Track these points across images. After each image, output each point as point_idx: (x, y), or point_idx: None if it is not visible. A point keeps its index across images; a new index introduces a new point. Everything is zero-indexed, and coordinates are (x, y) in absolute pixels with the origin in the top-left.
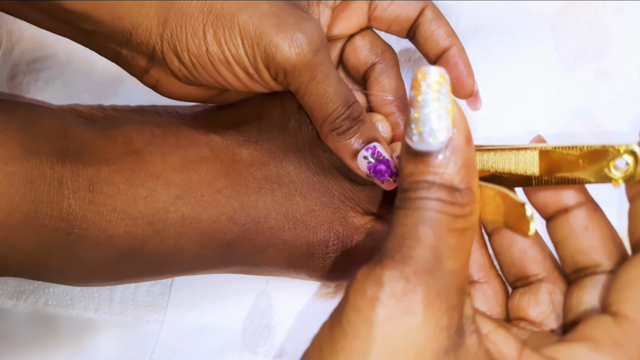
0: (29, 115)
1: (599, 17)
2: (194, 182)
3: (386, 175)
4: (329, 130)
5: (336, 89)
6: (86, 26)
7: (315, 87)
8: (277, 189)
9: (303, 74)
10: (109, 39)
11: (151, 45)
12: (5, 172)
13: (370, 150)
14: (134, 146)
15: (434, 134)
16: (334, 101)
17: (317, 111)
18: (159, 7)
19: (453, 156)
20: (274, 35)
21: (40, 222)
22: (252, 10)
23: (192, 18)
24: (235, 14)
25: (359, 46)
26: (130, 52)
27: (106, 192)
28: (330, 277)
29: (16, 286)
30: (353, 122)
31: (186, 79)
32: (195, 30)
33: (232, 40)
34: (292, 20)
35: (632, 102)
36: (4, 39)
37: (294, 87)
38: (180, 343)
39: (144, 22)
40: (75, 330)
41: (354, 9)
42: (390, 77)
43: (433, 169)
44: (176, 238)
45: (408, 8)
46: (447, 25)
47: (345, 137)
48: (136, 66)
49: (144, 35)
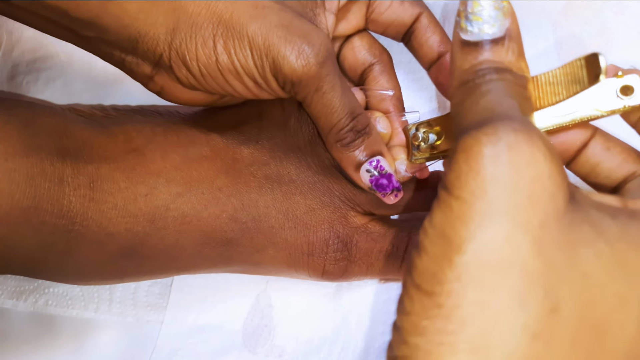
0: (29, 113)
1: (600, 18)
2: (195, 180)
3: (388, 190)
4: (334, 140)
5: (342, 100)
6: (90, 33)
7: (321, 97)
8: (278, 187)
9: (309, 85)
10: (114, 45)
11: (158, 53)
12: (6, 168)
13: (374, 163)
14: (134, 144)
15: (493, 22)
16: (339, 112)
17: (322, 121)
18: (166, 15)
19: (511, 43)
20: (281, 46)
21: (40, 219)
22: (260, 22)
23: (202, 28)
24: (244, 25)
25: (357, 46)
26: (135, 58)
27: (107, 190)
28: (330, 277)
29: (16, 286)
30: (358, 134)
31: (192, 86)
32: (206, 40)
33: (241, 51)
34: (299, 32)
35: None
36: (4, 39)
37: (301, 96)
38: (180, 343)
39: (151, 30)
40: (75, 330)
41: (352, 12)
42: (388, 78)
43: (495, 56)
44: (176, 236)
45: (404, 13)
46: (441, 32)
47: (349, 149)
48: (141, 73)
49: (150, 43)
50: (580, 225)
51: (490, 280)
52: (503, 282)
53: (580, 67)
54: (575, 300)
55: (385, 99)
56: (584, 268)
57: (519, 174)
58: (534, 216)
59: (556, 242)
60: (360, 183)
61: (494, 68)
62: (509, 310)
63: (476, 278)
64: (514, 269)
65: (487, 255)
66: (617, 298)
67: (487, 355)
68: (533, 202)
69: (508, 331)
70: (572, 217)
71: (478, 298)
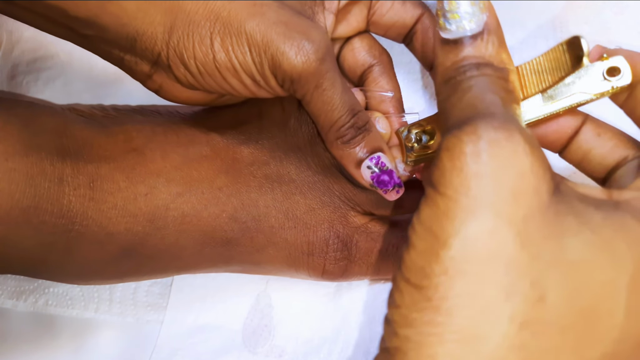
0: (29, 113)
1: (600, 18)
2: (195, 179)
3: (389, 186)
4: (334, 138)
5: (342, 97)
6: (89, 32)
7: (321, 95)
8: (278, 187)
9: (309, 81)
10: (113, 44)
11: (156, 52)
12: (6, 168)
13: (374, 160)
14: (134, 144)
15: (470, 18)
16: (339, 109)
17: (322, 119)
18: (164, 14)
19: (491, 37)
20: (281, 43)
21: (40, 218)
22: (259, 19)
23: (199, 26)
24: (242, 22)
25: (357, 48)
26: (134, 57)
27: (106, 189)
28: (330, 277)
29: (16, 286)
30: (358, 130)
31: (190, 85)
32: (203, 38)
33: (239, 48)
34: (299, 29)
35: None
36: (4, 39)
37: (300, 94)
38: (180, 343)
39: (149, 29)
40: (75, 330)
41: (353, 13)
42: (388, 79)
43: (475, 51)
44: (176, 235)
45: (406, 15)
46: None
47: (349, 146)
48: (139, 71)
49: (148, 42)
50: (565, 216)
51: (477, 273)
52: (489, 274)
53: (563, 52)
54: (563, 289)
55: (385, 100)
56: (570, 257)
57: (500, 170)
58: (518, 210)
59: (541, 234)
60: (361, 180)
61: (474, 64)
62: (495, 301)
63: (463, 271)
64: (499, 261)
65: (473, 250)
66: (605, 285)
67: (475, 344)
68: (516, 196)
69: (495, 322)
70: (557, 209)
71: (465, 291)
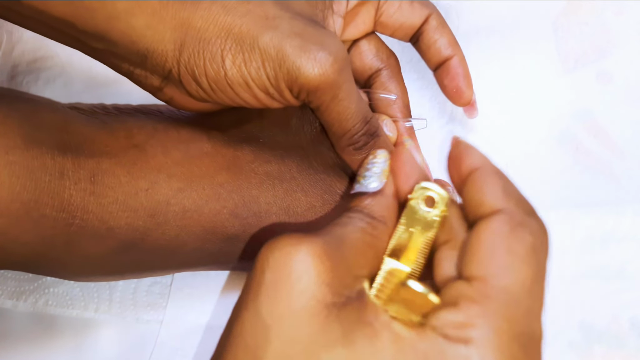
0: (30, 108)
1: (600, 19)
2: (196, 175)
3: None
4: (346, 145)
5: (357, 106)
6: (99, 45)
7: (337, 105)
8: (279, 184)
9: (326, 93)
10: (123, 59)
11: (167, 68)
12: (6, 161)
13: None
14: (135, 140)
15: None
16: (354, 118)
17: (336, 127)
18: (174, 31)
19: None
20: (297, 57)
21: (40, 212)
22: (272, 33)
23: (209, 43)
24: (255, 37)
25: (365, 51)
26: (144, 72)
27: (107, 184)
28: None
29: (16, 286)
30: (370, 137)
31: (202, 99)
32: (214, 56)
33: (252, 64)
34: (314, 40)
35: (632, 103)
36: (4, 39)
37: (315, 104)
38: (179, 343)
39: (159, 47)
40: (75, 330)
41: (360, 15)
42: (396, 84)
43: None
44: (177, 231)
45: (413, 15)
46: (450, 34)
47: (361, 152)
48: (150, 85)
49: (159, 59)
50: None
51: None
52: None
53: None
54: None
55: (392, 104)
56: None
57: None
58: None
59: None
60: None
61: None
62: None
63: None
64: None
65: None
66: None
67: None
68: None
69: None
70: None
71: None
